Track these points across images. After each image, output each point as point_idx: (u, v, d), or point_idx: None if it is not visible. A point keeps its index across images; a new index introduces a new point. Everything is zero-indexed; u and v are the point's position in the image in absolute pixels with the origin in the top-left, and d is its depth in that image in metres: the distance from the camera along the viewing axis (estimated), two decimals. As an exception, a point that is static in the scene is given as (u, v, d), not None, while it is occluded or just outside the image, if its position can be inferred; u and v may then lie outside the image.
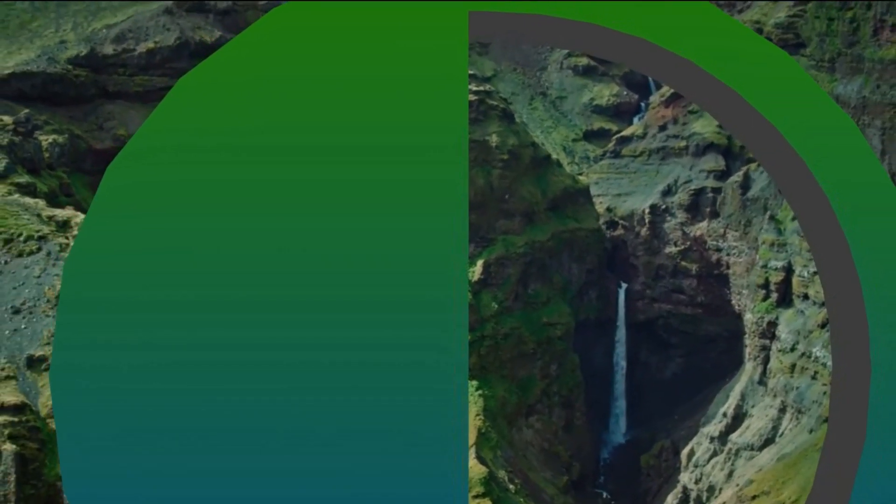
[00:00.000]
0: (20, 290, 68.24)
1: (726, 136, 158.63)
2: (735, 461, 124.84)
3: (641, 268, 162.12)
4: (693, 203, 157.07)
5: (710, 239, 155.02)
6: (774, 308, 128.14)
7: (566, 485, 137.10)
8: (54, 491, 62.69)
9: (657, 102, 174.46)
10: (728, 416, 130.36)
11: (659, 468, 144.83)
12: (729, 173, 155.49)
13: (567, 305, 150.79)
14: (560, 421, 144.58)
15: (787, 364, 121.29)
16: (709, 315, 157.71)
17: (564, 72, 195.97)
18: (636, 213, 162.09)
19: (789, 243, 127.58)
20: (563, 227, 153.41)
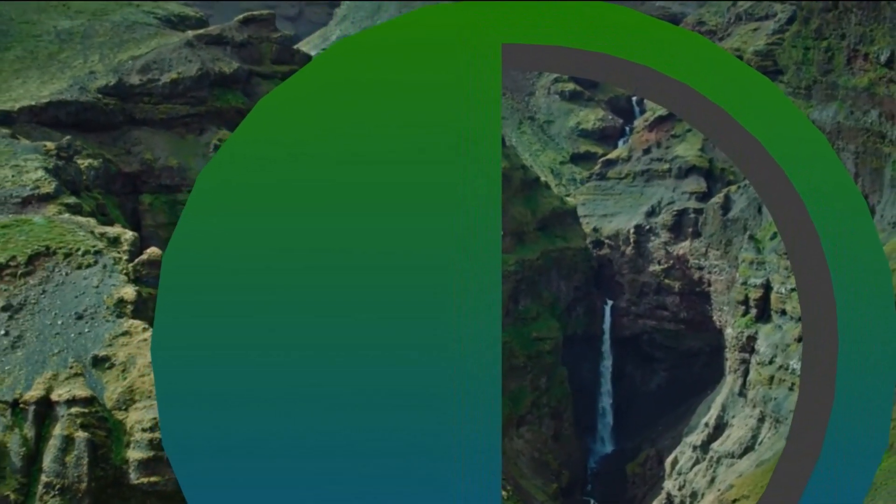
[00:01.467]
0: (81, 299, 73.65)
1: (707, 160, 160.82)
2: (716, 468, 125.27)
3: (626, 285, 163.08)
4: (676, 223, 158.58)
5: (692, 258, 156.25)
6: (754, 323, 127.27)
7: (556, 492, 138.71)
8: (120, 473, 68.41)
9: (641, 127, 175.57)
10: (710, 425, 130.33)
11: (644, 476, 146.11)
12: (710, 195, 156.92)
13: (556, 321, 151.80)
14: (549, 431, 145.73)
15: (765, 376, 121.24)
16: (691, 330, 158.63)
17: (552, 97, 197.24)
18: (621, 232, 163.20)
19: (768, 261, 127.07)
20: (552, 247, 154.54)
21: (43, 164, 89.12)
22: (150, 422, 68.85)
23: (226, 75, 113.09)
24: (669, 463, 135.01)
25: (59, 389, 69.98)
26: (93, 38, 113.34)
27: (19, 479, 68.39)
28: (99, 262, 76.11)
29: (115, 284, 75.22)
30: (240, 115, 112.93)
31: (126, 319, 73.68)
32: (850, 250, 22.53)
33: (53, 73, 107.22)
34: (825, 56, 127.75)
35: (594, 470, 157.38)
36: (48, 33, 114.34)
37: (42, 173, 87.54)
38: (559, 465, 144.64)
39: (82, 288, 74.91)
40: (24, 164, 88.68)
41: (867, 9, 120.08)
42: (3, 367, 70.99)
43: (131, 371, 71.01)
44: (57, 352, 71.75)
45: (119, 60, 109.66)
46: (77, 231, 78.92)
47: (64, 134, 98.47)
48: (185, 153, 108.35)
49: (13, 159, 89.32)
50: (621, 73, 23.18)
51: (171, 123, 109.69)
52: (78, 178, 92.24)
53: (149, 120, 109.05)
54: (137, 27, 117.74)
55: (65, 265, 75.72)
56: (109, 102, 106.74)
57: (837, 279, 22.49)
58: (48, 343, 72.09)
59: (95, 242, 77.97)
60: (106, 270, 75.49)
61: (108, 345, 72.18)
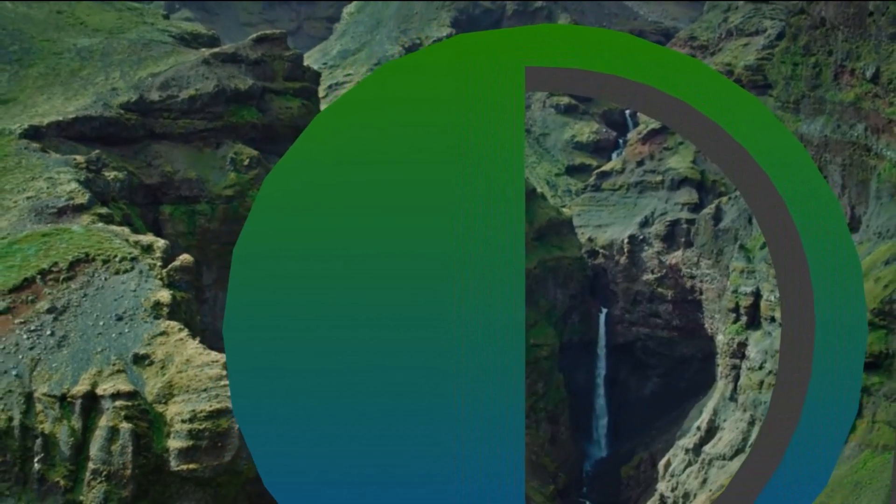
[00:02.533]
0: (120, 301, 77.37)
1: (699, 171, 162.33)
2: (708, 470, 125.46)
3: (621, 294, 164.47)
4: (669, 233, 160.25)
5: (684, 267, 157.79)
6: (744, 330, 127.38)
7: (552, 493, 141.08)
8: (161, 460, 72.65)
9: (635, 139, 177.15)
10: (702, 429, 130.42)
11: (638, 478, 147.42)
12: (702, 206, 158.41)
13: (552, 328, 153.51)
14: (546, 434, 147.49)
15: (755, 381, 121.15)
16: (683, 337, 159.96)
17: (547, 110, 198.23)
18: (616, 242, 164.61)
19: (758, 270, 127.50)
20: (549, 256, 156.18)
21: (75, 176, 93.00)
22: (188, 414, 72.85)
23: (241, 92, 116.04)
24: (663, 465, 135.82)
25: (103, 384, 74.15)
26: (112, 56, 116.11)
27: (68, 466, 72.73)
28: (135, 267, 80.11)
29: (151, 288, 79.24)
30: (254, 130, 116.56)
31: (163, 321, 77.80)
32: (826, 246, 25.22)
33: (76, 89, 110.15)
34: (813, 71, 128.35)
35: (590, 472, 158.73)
36: (69, 51, 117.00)
37: (75, 185, 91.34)
38: (556, 467, 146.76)
39: (121, 292, 78.88)
40: (57, 176, 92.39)
41: (853, 26, 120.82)
42: (50, 364, 75.08)
43: (169, 368, 75.06)
44: (100, 350, 75.80)
45: (139, 77, 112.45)
46: (113, 239, 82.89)
47: (89, 148, 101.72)
48: (203, 166, 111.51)
49: (46, 172, 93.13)
50: (628, 92, 26.22)
51: (190, 138, 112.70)
52: (106, 190, 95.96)
53: (168, 134, 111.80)
54: (154, 45, 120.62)
55: (103, 271, 79.67)
56: (131, 118, 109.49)
57: (814, 270, 25.21)
58: (91, 342, 76.04)
59: (131, 250, 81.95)
60: (142, 275, 79.40)
61: (147, 344, 76.33)
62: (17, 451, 72.54)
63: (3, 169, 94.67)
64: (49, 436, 73.22)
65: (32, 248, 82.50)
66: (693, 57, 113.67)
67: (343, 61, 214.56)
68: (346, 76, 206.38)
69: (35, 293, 78.80)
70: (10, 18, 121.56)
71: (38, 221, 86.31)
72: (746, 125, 25.71)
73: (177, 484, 73.48)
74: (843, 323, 25.61)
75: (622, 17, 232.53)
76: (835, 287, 25.55)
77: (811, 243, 25.31)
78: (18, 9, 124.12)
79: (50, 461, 72.94)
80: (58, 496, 72.07)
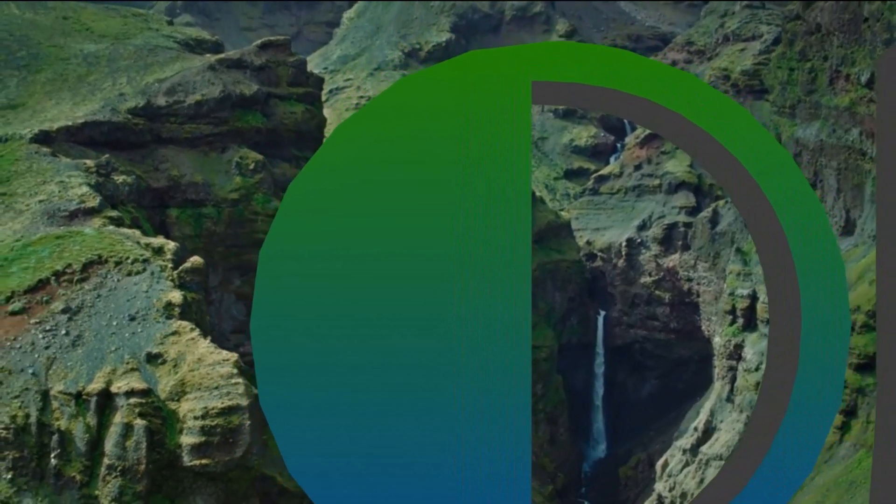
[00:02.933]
0: (133, 302, 78.89)
1: (696, 175, 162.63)
2: (705, 470, 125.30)
3: (619, 296, 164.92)
4: (666, 237, 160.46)
5: (681, 270, 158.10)
6: (741, 332, 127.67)
7: (551, 494, 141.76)
8: (174, 456, 74.34)
9: (632, 144, 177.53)
10: (699, 430, 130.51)
11: (636, 479, 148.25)
12: (699, 209, 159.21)
13: (551, 330, 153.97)
14: (545, 435, 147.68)
15: (752, 382, 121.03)
16: (681, 340, 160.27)
17: (545, 114, 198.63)
18: (614, 245, 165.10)
19: (754, 273, 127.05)
20: (548, 259, 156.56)
21: (85, 180, 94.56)
22: (200, 411, 74.57)
23: (246, 97, 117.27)
24: (660, 466, 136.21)
25: (117, 382, 75.73)
26: (118, 62, 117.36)
27: (83, 461, 74.39)
28: (147, 269, 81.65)
29: (163, 289, 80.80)
30: (259, 134, 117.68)
31: (175, 321, 79.48)
32: (811, 249, 26.34)
33: (84, 94, 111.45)
34: (809, 76, 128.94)
35: (588, 473, 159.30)
36: (76, 56, 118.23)
37: (86, 189, 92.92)
38: (555, 468, 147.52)
39: (133, 293, 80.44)
40: (68, 180, 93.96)
41: (848, 32, 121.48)
42: (65, 362, 76.62)
43: (182, 366, 76.69)
44: (114, 349, 77.37)
45: (146, 83, 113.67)
46: (124, 241, 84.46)
47: (98, 152, 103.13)
48: (209, 170, 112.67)
49: (57, 176, 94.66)
50: (627, 105, 27.78)
51: (196, 142, 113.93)
52: (116, 194, 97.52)
53: (175, 139, 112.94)
54: (159, 51, 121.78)
55: (116, 272, 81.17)
56: (139, 122, 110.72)
57: (801, 271, 26.37)
58: (105, 342, 77.58)
59: (142, 252, 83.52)
60: (154, 277, 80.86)
61: (159, 343, 77.92)
62: (34, 447, 73.92)
63: (15, 173, 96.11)
64: (65, 432, 74.69)
65: (46, 250, 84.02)
66: (690, 62, 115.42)
67: (343, 66, 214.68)
68: (346, 81, 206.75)
69: (50, 294, 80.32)
70: (17, 24, 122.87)
71: (50, 224, 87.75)
72: (737, 135, 26.91)
73: (189, 479, 75.03)
74: (828, 321, 26.74)
75: (620, 21, 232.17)
76: (820, 287, 26.76)
77: (798, 246, 26.41)
78: (25, 15, 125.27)
79: (66, 457, 74.36)
80: (74, 491, 73.56)
